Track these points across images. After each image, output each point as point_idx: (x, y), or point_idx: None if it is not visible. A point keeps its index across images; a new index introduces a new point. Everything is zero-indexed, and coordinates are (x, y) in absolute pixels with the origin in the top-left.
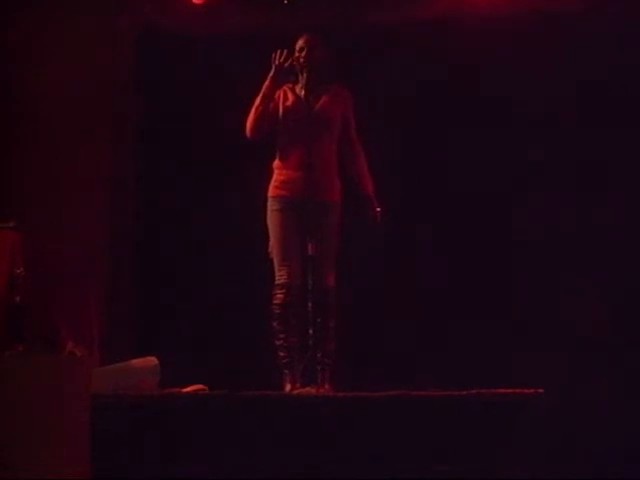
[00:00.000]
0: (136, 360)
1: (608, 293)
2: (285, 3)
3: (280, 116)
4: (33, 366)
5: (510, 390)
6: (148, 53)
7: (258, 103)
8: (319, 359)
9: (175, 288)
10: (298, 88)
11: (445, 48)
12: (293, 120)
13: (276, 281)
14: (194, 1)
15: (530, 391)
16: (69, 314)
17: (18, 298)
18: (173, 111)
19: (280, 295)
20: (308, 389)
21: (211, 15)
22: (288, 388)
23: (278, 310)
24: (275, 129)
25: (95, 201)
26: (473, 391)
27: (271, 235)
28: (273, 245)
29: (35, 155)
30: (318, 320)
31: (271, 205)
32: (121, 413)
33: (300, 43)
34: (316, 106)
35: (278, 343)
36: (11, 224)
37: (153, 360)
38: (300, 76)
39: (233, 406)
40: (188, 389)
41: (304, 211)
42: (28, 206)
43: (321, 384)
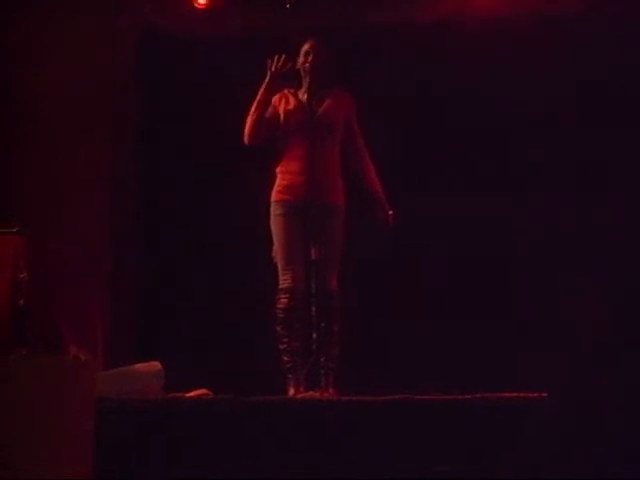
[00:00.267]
0: (140, 364)
1: (608, 293)
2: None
3: (281, 121)
4: (35, 368)
5: (514, 394)
6: (148, 54)
7: (254, 110)
8: (323, 363)
9: (175, 288)
10: (300, 92)
11: (445, 48)
12: (295, 124)
13: (280, 285)
14: (194, 2)
15: (534, 395)
16: (71, 315)
17: (22, 302)
18: (173, 111)
19: (284, 299)
20: (312, 393)
21: (211, 16)
22: (292, 392)
23: (282, 314)
24: (275, 134)
25: (95, 201)
26: (477, 395)
27: (275, 239)
28: (277, 249)
29: (35, 155)
30: (322, 324)
31: (274, 210)
32: (125, 417)
33: (306, 47)
34: (319, 110)
35: (282, 347)
36: (14, 229)
37: (157, 365)
38: (304, 80)
39: (237, 410)
40: (192, 394)
41: (307, 215)
42: (28, 206)
43: (325, 388)
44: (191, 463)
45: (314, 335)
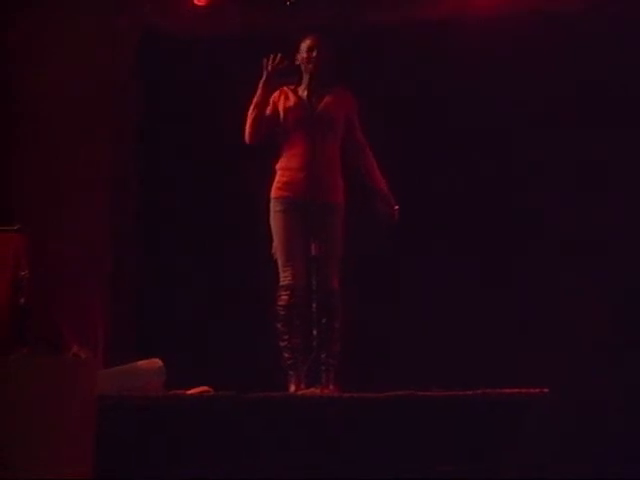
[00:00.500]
0: (141, 362)
1: (608, 293)
2: (285, 3)
3: (281, 118)
4: (35, 368)
5: (515, 390)
6: (148, 54)
7: (252, 109)
8: (323, 360)
9: (175, 288)
10: (300, 89)
11: (445, 48)
12: (295, 121)
13: (280, 282)
14: (195, 1)
15: (535, 391)
16: (71, 315)
17: (22, 300)
18: (173, 111)
19: (284, 296)
20: (312, 390)
21: (211, 15)
22: (293, 389)
23: (282, 311)
24: (275, 131)
25: (95, 201)
26: (478, 391)
27: (275, 236)
28: (277, 246)
29: (35, 155)
30: (323, 321)
31: (274, 206)
32: (126, 414)
33: (308, 43)
34: (319, 107)
35: (282, 344)
36: (15, 227)
37: (158, 362)
38: (304, 76)
39: (238, 407)
40: (193, 391)
41: (307, 212)
42: (28, 206)
43: (325, 385)
44: (192, 460)
45: (315, 332)
